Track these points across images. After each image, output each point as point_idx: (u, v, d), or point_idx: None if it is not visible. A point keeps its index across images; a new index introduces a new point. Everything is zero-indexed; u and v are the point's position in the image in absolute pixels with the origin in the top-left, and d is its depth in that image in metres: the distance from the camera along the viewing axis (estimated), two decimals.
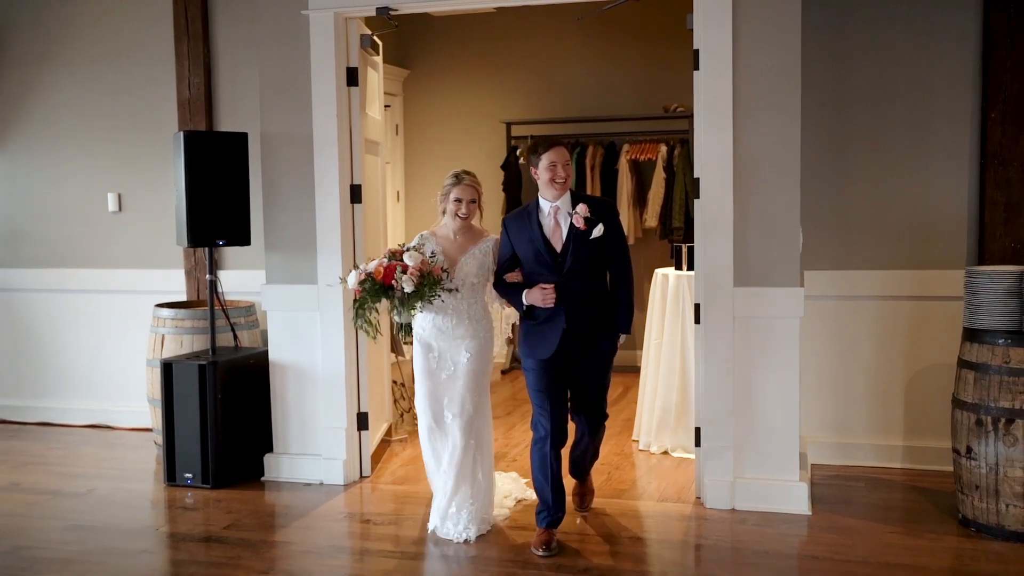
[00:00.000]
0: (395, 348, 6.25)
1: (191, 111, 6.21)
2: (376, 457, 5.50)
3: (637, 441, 5.85)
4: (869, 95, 5.19)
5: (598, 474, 4.99)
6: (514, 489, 4.86)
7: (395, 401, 6.29)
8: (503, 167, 8.31)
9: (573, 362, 4.20)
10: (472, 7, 4.94)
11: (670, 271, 5.76)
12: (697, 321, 4.72)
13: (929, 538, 4.23)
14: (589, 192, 7.94)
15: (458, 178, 4.42)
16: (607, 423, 4.55)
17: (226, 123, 6.15)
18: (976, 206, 5.12)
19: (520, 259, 4.25)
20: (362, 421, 5.24)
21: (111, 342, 6.54)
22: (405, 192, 8.83)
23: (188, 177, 5.12)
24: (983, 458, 4.18)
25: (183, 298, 6.30)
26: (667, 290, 5.71)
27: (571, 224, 4.11)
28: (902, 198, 5.19)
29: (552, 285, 4.08)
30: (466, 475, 4.32)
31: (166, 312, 5.77)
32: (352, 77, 5.08)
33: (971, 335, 4.30)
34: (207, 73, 6.20)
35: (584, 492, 4.69)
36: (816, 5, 5.13)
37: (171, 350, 5.63)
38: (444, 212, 4.45)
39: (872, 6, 5.15)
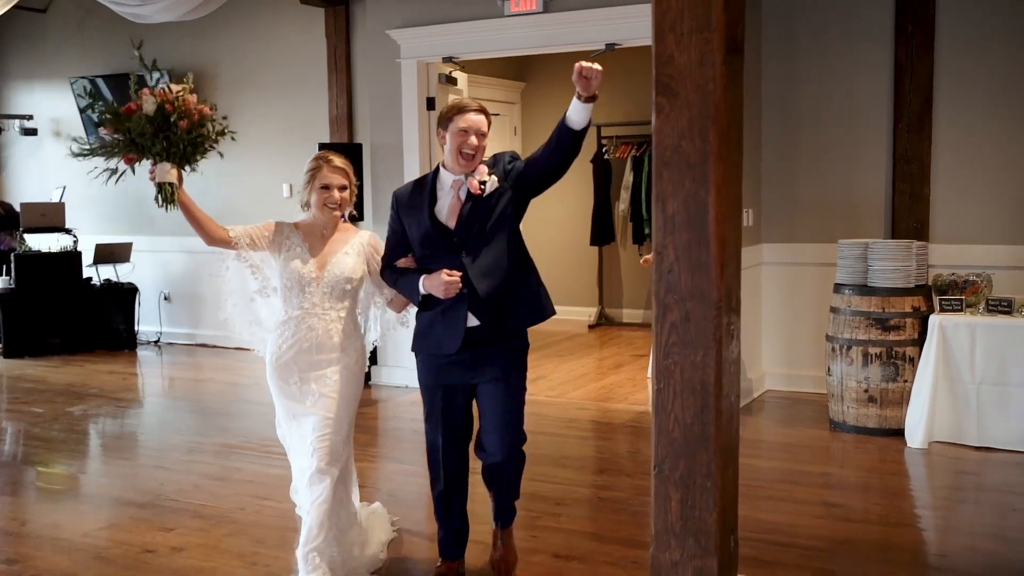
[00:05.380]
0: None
1: (337, 125, 8.61)
2: None
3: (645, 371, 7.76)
4: (812, 107, 6.83)
5: (613, 387, 6.94)
6: (379, 527, 4.07)
7: None
8: (592, 161, 10.26)
9: (480, 372, 3.53)
10: (501, 55, 7.00)
11: None
12: None
13: (798, 430, 5.96)
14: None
15: (323, 160, 3.62)
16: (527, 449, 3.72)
17: (362, 134, 8.49)
18: (890, 194, 6.66)
19: (410, 240, 3.58)
20: None
21: None
22: None
23: None
24: (836, 375, 5.86)
25: None
26: None
27: (468, 193, 3.49)
28: (836, 187, 6.80)
29: (459, 274, 3.43)
30: (330, 517, 3.53)
31: None
32: (430, 104, 7.26)
33: (836, 288, 5.96)
34: (349, 97, 8.57)
35: (506, 557, 3.71)
36: (773, 39, 6.82)
37: None
38: (308, 204, 3.64)
39: (813, 39, 6.78)
